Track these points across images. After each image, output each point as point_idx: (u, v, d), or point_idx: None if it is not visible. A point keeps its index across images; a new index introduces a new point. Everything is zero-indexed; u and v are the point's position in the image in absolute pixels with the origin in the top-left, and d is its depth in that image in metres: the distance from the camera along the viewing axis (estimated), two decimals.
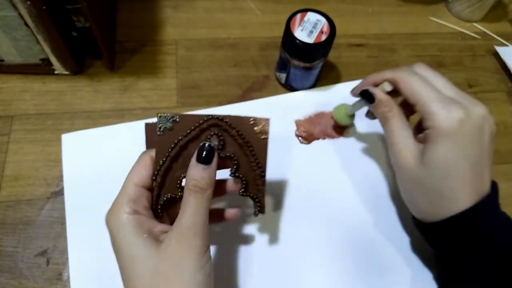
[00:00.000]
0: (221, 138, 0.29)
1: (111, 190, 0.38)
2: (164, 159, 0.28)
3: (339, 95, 0.47)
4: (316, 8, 0.42)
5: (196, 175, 0.27)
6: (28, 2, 0.35)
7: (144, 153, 0.30)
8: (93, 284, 0.34)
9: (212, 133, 0.29)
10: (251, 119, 0.29)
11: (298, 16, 0.41)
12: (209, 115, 0.29)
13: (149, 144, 0.41)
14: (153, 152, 0.29)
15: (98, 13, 0.41)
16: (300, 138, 0.44)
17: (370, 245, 0.38)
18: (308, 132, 0.44)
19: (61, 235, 0.36)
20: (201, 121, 0.29)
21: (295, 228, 0.38)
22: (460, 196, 0.30)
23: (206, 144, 0.28)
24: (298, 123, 0.44)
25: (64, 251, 0.35)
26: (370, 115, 0.40)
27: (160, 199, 0.29)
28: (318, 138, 0.44)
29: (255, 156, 0.30)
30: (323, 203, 0.40)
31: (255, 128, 0.29)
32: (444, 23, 0.57)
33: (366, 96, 0.36)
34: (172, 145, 0.28)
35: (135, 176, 0.28)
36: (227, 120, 0.29)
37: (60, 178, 0.39)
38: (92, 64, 0.46)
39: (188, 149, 0.29)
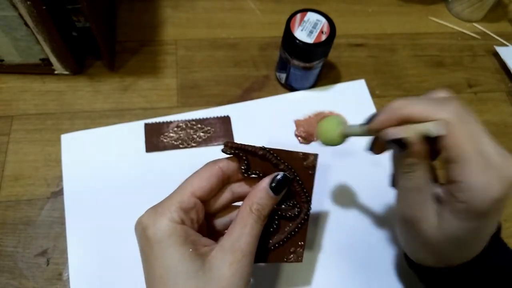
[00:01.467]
0: (261, 175, 0.28)
1: (111, 190, 0.38)
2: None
3: (339, 95, 0.47)
4: (316, 8, 0.42)
5: (263, 200, 0.25)
6: (28, 2, 0.35)
7: (212, 162, 0.27)
8: (93, 284, 0.34)
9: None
10: (301, 153, 0.28)
11: (298, 16, 0.41)
12: (262, 147, 0.27)
13: (148, 144, 0.41)
14: (222, 163, 0.27)
15: (98, 13, 0.41)
16: (299, 138, 0.44)
17: (371, 247, 0.38)
18: (308, 132, 0.44)
19: (61, 235, 0.36)
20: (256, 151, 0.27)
21: None
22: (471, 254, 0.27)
23: (282, 174, 0.26)
24: (297, 123, 0.44)
25: (64, 251, 0.35)
26: (376, 149, 0.30)
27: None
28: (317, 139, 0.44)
29: (304, 189, 0.29)
30: (323, 203, 0.40)
31: (304, 163, 0.28)
32: (444, 23, 0.57)
33: (398, 143, 0.25)
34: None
35: (195, 184, 0.25)
36: (276, 154, 0.28)
37: (60, 178, 0.39)
38: (92, 64, 0.46)
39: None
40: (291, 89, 0.47)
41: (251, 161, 0.27)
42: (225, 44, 0.50)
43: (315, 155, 0.29)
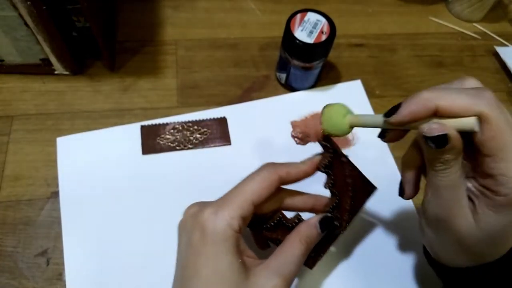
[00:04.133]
0: (332, 178, 0.30)
1: (107, 193, 0.38)
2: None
3: (338, 95, 0.47)
4: (316, 8, 0.42)
5: (313, 234, 0.27)
6: (28, 2, 0.35)
7: (273, 168, 0.28)
8: (89, 286, 0.34)
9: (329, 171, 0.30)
10: (372, 186, 0.31)
11: (298, 16, 0.41)
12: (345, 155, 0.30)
13: (145, 146, 0.41)
14: (282, 171, 0.28)
15: (98, 13, 0.41)
16: (296, 139, 0.43)
17: (369, 248, 0.38)
18: (304, 133, 0.43)
19: (61, 235, 0.36)
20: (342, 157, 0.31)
21: None
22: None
23: (329, 216, 0.29)
24: (294, 124, 0.44)
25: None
26: (392, 136, 0.28)
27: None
28: (314, 140, 0.43)
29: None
30: None
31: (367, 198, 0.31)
32: (444, 23, 0.57)
33: (436, 140, 0.23)
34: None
35: (256, 192, 0.26)
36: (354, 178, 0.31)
37: None
38: (92, 64, 0.46)
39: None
40: (291, 89, 0.47)
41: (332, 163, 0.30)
42: (225, 44, 0.50)
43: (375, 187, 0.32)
